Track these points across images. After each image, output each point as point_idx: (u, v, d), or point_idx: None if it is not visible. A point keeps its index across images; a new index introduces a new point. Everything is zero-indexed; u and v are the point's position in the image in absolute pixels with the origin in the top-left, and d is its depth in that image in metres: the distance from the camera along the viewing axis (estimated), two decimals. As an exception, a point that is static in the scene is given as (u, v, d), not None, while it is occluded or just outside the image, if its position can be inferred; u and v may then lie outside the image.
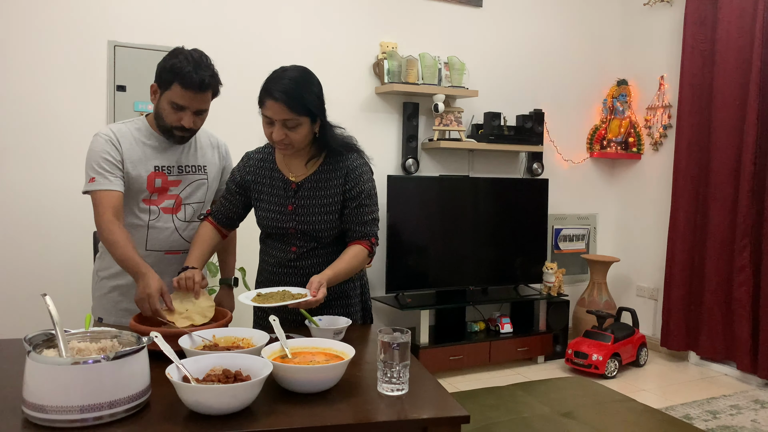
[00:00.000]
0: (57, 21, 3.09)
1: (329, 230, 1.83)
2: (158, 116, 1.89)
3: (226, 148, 2.13)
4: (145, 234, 1.94)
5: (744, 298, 3.79)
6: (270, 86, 1.72)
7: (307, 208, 1.82)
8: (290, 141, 1.74)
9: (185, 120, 1.85)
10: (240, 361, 1.29)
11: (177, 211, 1.97)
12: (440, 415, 1.24)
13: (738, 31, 3.85)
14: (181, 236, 1.98)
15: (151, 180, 1.91)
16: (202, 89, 1.83)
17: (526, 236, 4.23)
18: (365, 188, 1.84)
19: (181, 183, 1.97)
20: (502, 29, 4.33)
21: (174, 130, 1.88)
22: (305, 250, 1.86)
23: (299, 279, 1.83)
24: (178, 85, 1.80)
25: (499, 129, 4.09)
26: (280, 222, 1.84)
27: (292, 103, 1.69)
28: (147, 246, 1.94)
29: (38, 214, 3.10)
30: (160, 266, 1.92)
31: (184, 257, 1.92)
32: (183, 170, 1.98)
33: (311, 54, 3.65)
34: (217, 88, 1.92)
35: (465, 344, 3.86)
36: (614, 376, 3.85)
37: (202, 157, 2.03)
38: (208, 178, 2.03)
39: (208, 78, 1.84)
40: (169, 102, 1.83)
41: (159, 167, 1.93)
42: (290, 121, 1.71)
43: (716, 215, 3.96)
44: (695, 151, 4.11)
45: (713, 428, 3.07)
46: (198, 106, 1.86)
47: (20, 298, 3.03)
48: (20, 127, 3.06)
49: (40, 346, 1.20)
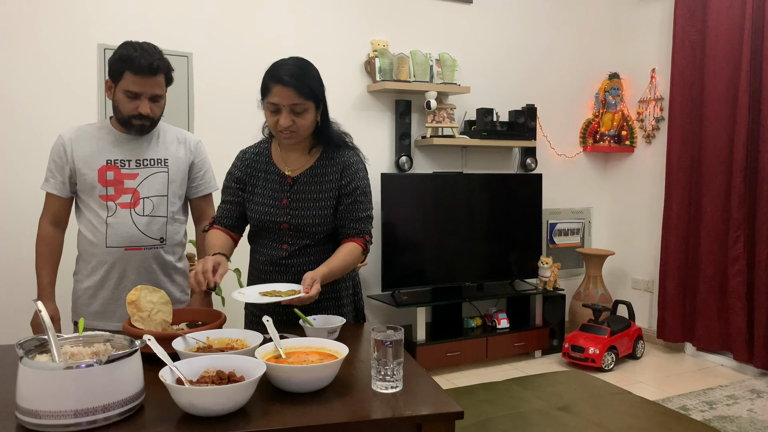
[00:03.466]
0: (46, 24, 3.08)
1: (322, 225, 1.82)
2: (116, 110, 1.93)
3: (196, 144, 2.09)
4: (104, 231, 1.94)
5: (739, 288, 3.81)
6: (276, 72, 1.72)
7: (301, 202, 1.81)
8: (297, 128, 1.74)
9: (142, 107, 1.88)
10: (233, 362, 1.28)
11: (135, 205, 1.96)
12: (434, 411, 1.24)
13: (728, 22, 3.87)
14: (140, 231, 1.96)
15: (102, 173, 1.93)
16: (153, 72, 1.85)
17: (521, 231, 4.24)
18: (360, 185, 1.84)
19: (138, 176, 1.96)
20: (493, 25, 4.33)
21: (132, 120, 1.90)
22: (297, 248, 1.84)
23: (291, 278, 1.81)
24: (129, 72, 1.84)
25: (491, 125, 4.10)
26: (274, 216, 1.82)
27: (300, 87, 1.70)
28: (107, 243, 1.94)
29: (29, 219, 3.08)
30: (121, 263, 1.95)
31: (146, 253, 1.96)
32: (141, 164, 1.97)
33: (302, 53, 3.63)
34: (169, 73, 1.94)
35: (462, 340, 3.86)
36: (611, 369, 3.87)
37: (165, 151, 2.02)
38: (170, 171, 2.01)
39: (157, 61, 1.86)
40: (123, 92, 1.87)
41: (111, 161, 1.95)
42: (298, 105, 1.71)
43: (709, 206, 3.98)
44: (687, 143, 4.13)
45: (710, 419, 3.08)
46: (152, 90, 1.88)
47: (12, 304, 3.02)
48: (10, 130, 3.05)
49: (32, 351, 1.19)
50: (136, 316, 1.55)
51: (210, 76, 3.45)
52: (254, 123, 3.52)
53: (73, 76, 3.15)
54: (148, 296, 1.59)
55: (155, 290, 1.61)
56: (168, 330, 1.59)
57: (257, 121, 3.53)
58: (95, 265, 1.98)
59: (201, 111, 3.43)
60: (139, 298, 1.56)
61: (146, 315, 1.56)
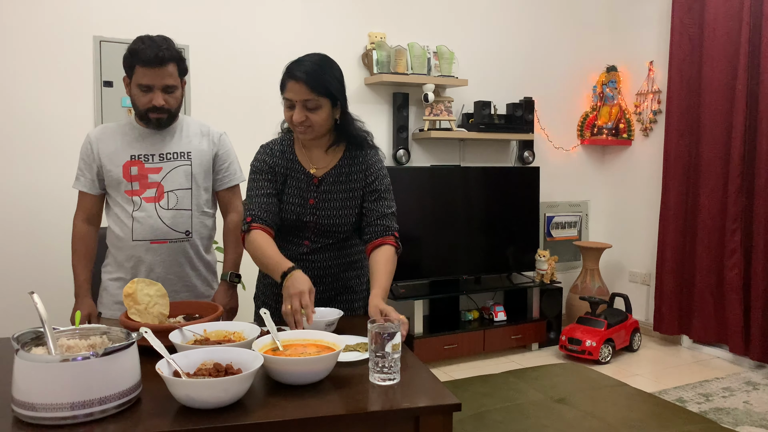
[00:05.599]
0: (40, 17, 3.06)
1: (346, 225, 1.84)
2: (134, 105, 1.95)
3: (220, 136, 2.09)
4: (131, 225, 1.96)
5: (735, 281, 3.82)
6: (291, 68, 1.75)
7: (328, 202, 1.83)
8: (311, 123, 1.74)
9: (155, 99, 1.89)
10: (231, 355, 1.28)
11: (159, 199, 1.97)
12: (432, 403, 1.24)
13: (726, 14, 3.86)
14: (166, 224, 1.97)
15: (126, 168, 1.95)
16: (162, 63, 1.86)
17: (518, 224, 4.24)
18: (384, 182, 1.86)
19: (162, 170, 1.97)
20: (491, 17, 4.31)
21: (149, 113, 1.92)
22: (318, 246, 1.85)
23: (309, 274, 1.69)
24: (139, 66, 1.86)
25: (489, 118, 4.09)
26: (301, 215, 1.82)
27: (313, 83, 1.71)
28: (133, 237, 1.96)
29: (25, 212, 3.08)
30: (148, 257, 1.96)
31: (172, 246, 1.97)
32: (164, 158, 1.98)
33: (299, 45, 3.62)
34: (181, 63, 1.94)
35: (459, 333, 3.87)
36: (608, 361, 3.88)
37: (187, 144, 2.02)
38: (192, 164, 2.01)
39: (165, 51, 1.87)
40: (137, 86, 1.89)
41: (135, 156, 1.96)
42: (310, 101, 1.72)
43: (707, 199, 3.98)
44: (685, 135, 4.13)
45: (706, 411, 3.10)
46: (163, 81, 1.88)
47: (8, 298, 3.02)
48: (6, 125, 3.03)
49: (28, 344, 1.19)
50: (132, 309, 1.55)
51: (207, 68, 3.44)
52: (250, 115, 3.53)
53: (69, 69, 3.13)
54: (144, 289, 1.58)
55: (152, 283, 1.61)
56: (165, 323, 1.59)
57: (253, 113, 3.53)
58: (123, 260, 1.99)
59: (198, 102, 3.42)
60: (136, 291, 1.56)
61: (143, 308, 1.56)
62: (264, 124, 2.50)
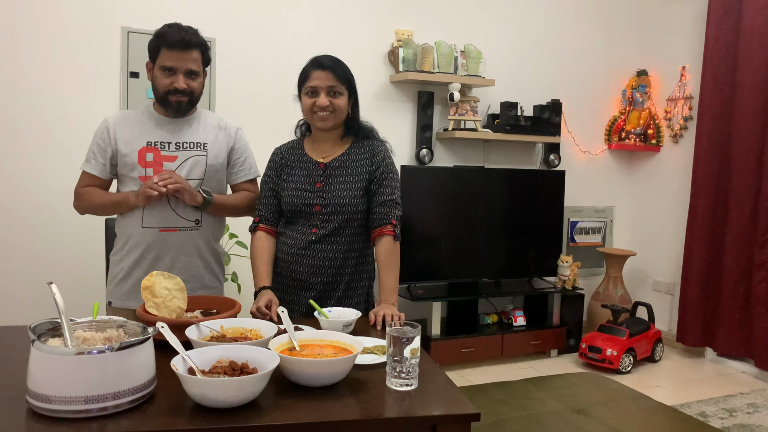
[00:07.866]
0: (70, 7, 3.08)
1: (353, 206, 1.90)
2: (154, 89, 1.96)
3: (236, 131, 2.10)
4: (141, 211, 1.95)
5: (763, 294, 3.71)
6: (315, 60, 1.90)
7: (334, 185, 1.91)
8: (334, 108, 1.88)
9: (177, 82, 1.90)
10: (247, 353, 1.26)
11: None
12: (450, 412, 1.21)
13: (763, 21, 3.74)
14: (176, 212, 1.96)
15: (141, 154, 1.96)
16: (186, 47, 1.89)
17: (541, 228, 4.18)
18: (388, 170, 1.95)
19: (178, 159, 1.97)
20: (520, 17, 4.25)
21: (169, 96, 1.92)
22: (326, 233, 1.90)
23: (316, 263, 1.89)
24: (164, 48, 1.89)
25: (515, 119, 4.03)
26: (307, 199, 1.90)
27: (338, 72, 1.88)
28: (143, 223, 1.96)
29: (50, 202, 3.10)
30: (157, 244, 1.96)
31: (181, 235, 1.97)
32: (180, 146, 1.98)
33: (326, 40, 3.61)
34: (206, 51, 1.97)
35: (477, 337, 3.82)
36: (628, 371, 3.80)
37: (204, 135, 2.03)
38: (208, 155, 2.01)
39: (192, 36, 1.90)
40: (160, 68, 1.91)
41: (151, 142, 1.97)
42: (336, 87, 1.87)
43: (737, 210, 3.87)
44: (716, 143, 4.02)
45: (729, 427, 3.01)
46: (186, 65, 1.90)
47: (29, 288, 3.05)
48: (33, 114, 3.06)
49: (45, 335, 1.18)
50: (150, 302, 1.54)
51: (232, 62, 3.43)
52: (273, 109, 3.51)
53: (96, 59, 3.14)
54: (163, 282, 1.57)
55: (171, 276, 1.60)
56: (182, 317, 1.57)
57: (276, 108, 3.52)
58: (131, 246, 1.99)
59: (222, 96, 3.42)
60: (154, 284, 1.55)
61: (161, 301, 1.55)
62: (287, 118, 2.48)
